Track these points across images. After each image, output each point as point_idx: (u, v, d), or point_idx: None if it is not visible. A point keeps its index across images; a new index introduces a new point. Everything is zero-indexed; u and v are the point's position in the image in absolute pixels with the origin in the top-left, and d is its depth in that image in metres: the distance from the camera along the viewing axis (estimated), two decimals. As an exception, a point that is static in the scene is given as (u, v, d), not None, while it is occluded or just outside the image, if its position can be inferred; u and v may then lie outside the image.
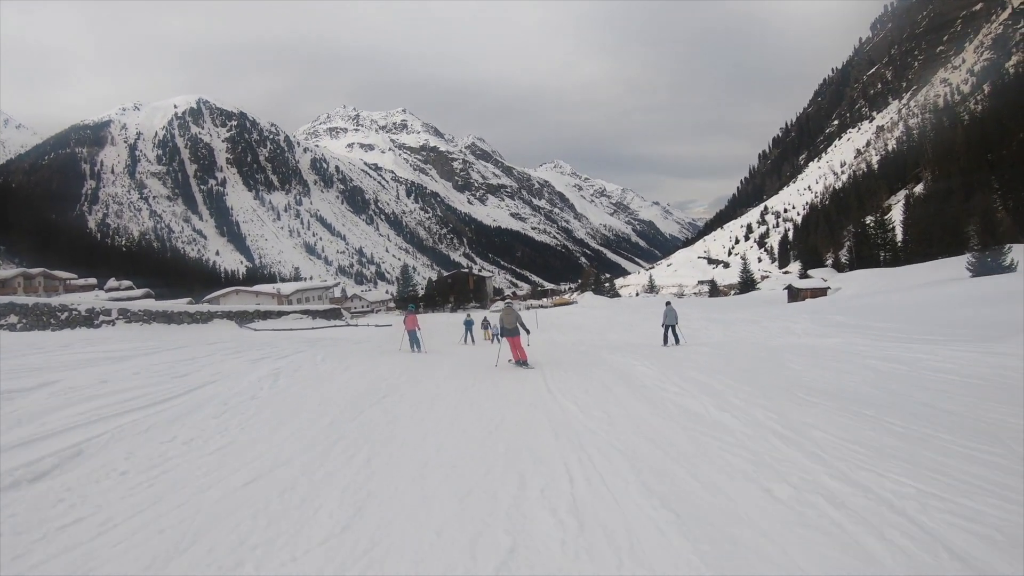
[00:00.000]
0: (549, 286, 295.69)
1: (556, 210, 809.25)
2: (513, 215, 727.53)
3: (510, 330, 17.81)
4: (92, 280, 79.14)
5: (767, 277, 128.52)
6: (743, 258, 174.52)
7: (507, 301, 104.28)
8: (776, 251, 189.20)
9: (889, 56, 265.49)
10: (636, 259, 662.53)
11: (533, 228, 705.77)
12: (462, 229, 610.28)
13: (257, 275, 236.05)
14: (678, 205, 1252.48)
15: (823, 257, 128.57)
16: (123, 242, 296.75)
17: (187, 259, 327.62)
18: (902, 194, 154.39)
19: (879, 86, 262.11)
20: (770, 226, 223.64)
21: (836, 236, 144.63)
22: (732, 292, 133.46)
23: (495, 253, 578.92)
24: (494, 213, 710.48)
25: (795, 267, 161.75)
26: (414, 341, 23.59)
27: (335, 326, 53.72)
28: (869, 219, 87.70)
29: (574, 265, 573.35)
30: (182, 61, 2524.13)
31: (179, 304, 50.40)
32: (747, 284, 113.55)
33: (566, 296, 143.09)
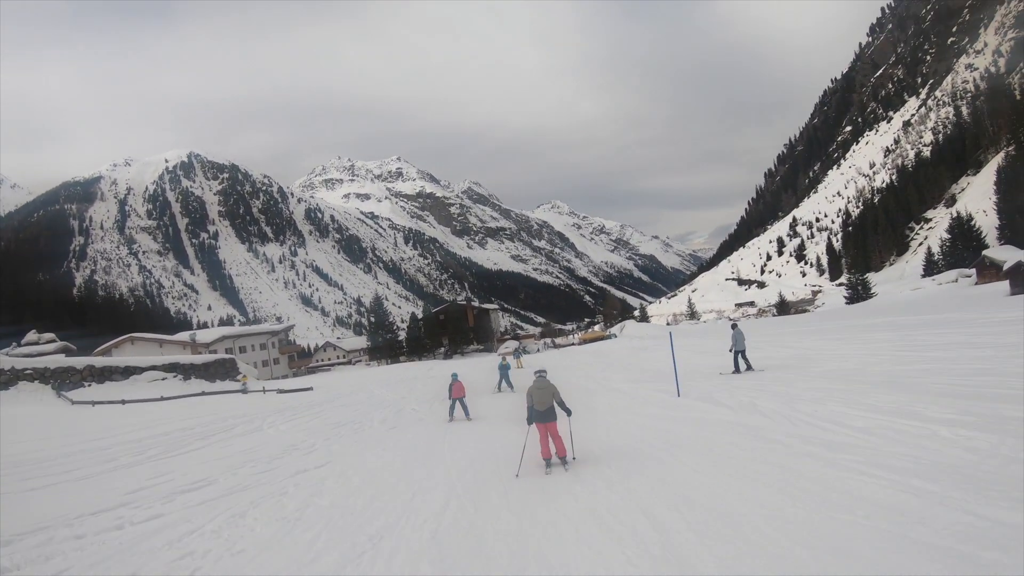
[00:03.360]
0: (556, 326, 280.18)
1: (557, 250, 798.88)
2: (514, 257, 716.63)
3: (542, 412, 11.97)
4: (-7, 334, 63.88)
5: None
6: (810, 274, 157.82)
7: (520, 346, 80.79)
8: (824, 261, 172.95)
9: (896, 55, 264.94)
10: (640, 293, 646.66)
11: (535, 269, 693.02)
12: (463, 274, 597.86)
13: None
14: (678, 237, 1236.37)
15: (885, 260, 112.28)
16: (76, 294, 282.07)
17: (152, 311, 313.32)
18: (966, 181, 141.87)
19: (890, 86, 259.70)
20: (804, 238, 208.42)
21: (899, 235, 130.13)
22: (795, 310, 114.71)
23: (498, 296, 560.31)
24: (494, 256, 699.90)
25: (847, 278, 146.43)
26: (463, 407, 21.63)
27: (209, 394, 38.44)
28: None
29: (579, 304, 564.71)
30: (175, 118, 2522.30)
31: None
32: (858, 291, 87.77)
33: (596, 330, 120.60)
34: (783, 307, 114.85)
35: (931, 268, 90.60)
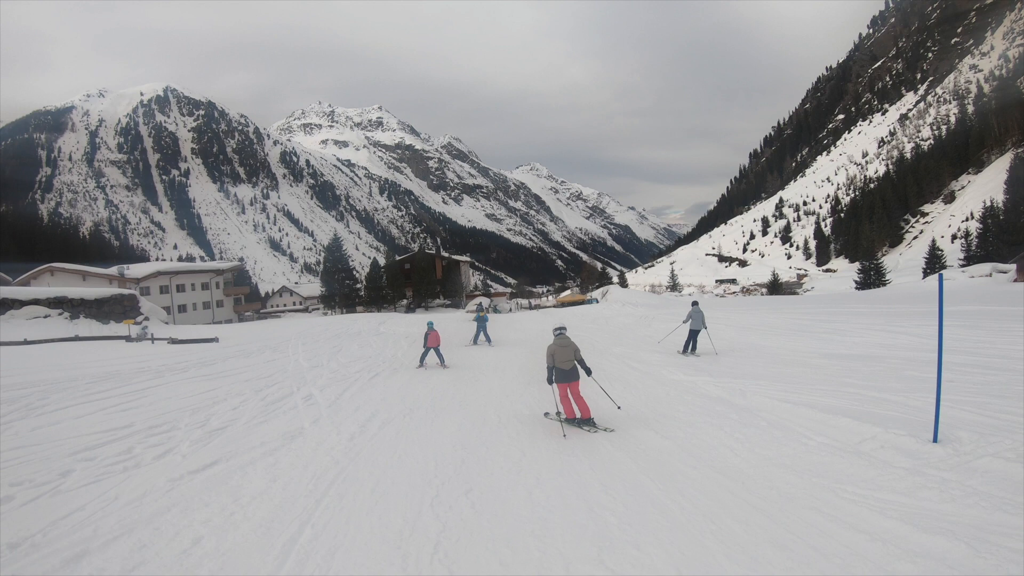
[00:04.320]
0: (527, 288, 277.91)
1: (532, 212, 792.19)
2: (489, 216, 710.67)
3: (566, 372, 11.70)
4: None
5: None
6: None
7: (488, 303, 74.11)
8: (812, 246, 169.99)
9: (897, 49, 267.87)
10: (612, 262, 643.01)
11: (509, 229, 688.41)
12: (436, 228, 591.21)
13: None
14: (654, 211, 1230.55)
15: (877, 250, 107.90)
16: (26, 224, 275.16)
17: (109, 245, 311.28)
18: (966, 178, 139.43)
19: (888, 79, 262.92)
20: (790, 220, 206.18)
21: (894, 226, 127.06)
22: (794, 290, 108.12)
23: (470, 253, 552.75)
24: (469, 213, 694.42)
25: (840, 263, 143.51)
26: (438, 355, 21.00)
27: (84, 339, 30.71)
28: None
29: (550, 267, 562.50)
30: (159, 51, 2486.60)
31: None
32: (870, 276, 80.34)
33: (572, 293, 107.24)
34: (775, 287, 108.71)
35: (934, 262, 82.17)
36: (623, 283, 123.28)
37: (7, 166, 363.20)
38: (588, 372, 11.77)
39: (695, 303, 21.60)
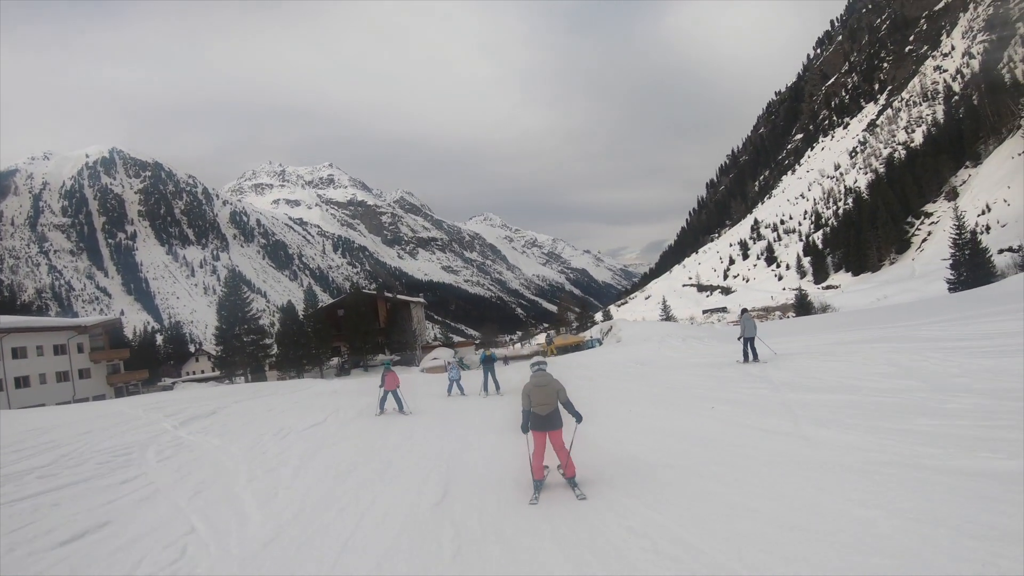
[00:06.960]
0: (494, 337, 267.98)
1: (488, 262, 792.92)
2: (445, 268, 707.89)
3: (543, 418, 9.08)
4: None
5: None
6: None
7: (457, 356, 56.36)
8: (806, 263, 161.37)
9: (849, 64, 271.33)
10: (571, 308, 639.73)
11: (466, 281, 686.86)
12: (392, 284, 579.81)
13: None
14: (609, 252, 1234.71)
15: (884, 259, 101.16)
16: None
17: (39, 311, 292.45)
18: (966, 173, 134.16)
19: (844, 93, 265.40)
20: (770, 240, 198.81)
21: (899, 230, 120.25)
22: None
23: (428, 307, 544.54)
24: (425, 267, 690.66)
25: (843, 278, 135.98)
26: (397, 400, 20.04)
27: None
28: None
29: (510, 316, 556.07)
30: (109, 113, 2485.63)
31: None
32: (963, 273, 69.46)
33: (571, 335, 75.95)
34: (804, 307, 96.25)
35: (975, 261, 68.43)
36: (607, 319, 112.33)
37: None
38: (578, 419, 8.99)
39: (744, 310, 21.84)
